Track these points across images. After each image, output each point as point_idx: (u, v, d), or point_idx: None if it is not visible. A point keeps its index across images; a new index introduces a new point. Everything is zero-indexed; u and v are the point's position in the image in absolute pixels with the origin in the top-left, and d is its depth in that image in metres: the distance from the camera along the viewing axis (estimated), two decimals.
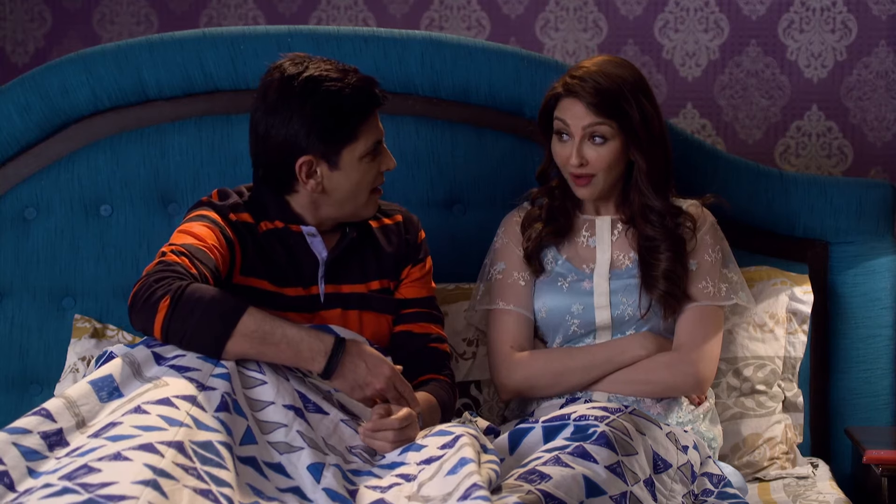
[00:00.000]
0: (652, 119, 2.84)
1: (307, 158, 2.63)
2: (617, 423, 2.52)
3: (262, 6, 3.79)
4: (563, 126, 2.84)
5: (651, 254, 2.86)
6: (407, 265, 2.80)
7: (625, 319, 2.87)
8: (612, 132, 2.81)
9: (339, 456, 2.36)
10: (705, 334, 2.86)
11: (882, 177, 3.66)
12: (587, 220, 2.94)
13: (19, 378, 3.17)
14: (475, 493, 2.13)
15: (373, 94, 2.65)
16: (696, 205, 2.94)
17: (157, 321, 2.39)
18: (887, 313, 3.25)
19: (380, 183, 2.72)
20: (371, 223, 2.79)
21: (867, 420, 3.24)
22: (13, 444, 2.12)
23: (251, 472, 2.22)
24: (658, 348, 2.85)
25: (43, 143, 3.19)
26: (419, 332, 2.78)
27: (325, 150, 2.62)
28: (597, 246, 2.91)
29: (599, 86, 2.80)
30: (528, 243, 2.91)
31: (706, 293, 2.87)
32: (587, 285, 2.88)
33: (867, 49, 3.66)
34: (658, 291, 2.84)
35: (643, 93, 2.84)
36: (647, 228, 2.87)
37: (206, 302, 2.39)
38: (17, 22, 3.85)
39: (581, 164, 2.82)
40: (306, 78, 2.62)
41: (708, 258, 2.89)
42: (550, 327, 2.91)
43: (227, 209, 2.68)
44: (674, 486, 2.55)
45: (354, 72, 2.66)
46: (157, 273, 2.44)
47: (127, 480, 2.00)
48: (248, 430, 2.29)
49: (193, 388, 2.30)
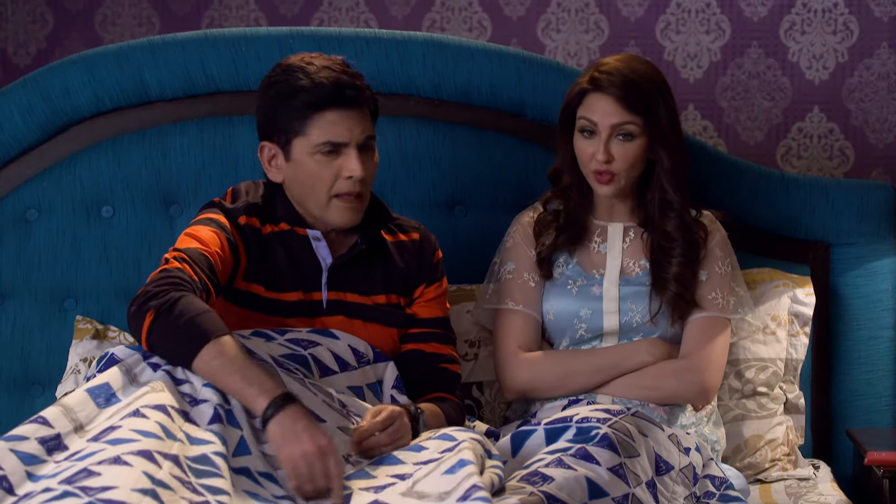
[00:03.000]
0: (676, 117, 2.85)
1: (266, 144, 2.67)
2: (619, 424, 2.52)
3: (263, 7, 3.79)
4: (588, 123, 2.81)
5: (664, 255, 2.85)
6: (421, 284, 2.78)
7: (633, 326, 2.86)
8: (639, 130, 2.80)
9: None
10: (713, 344, 2.85)
11: (884, 178, 3.65)
12: (599, 227, 2.93)
13: (21, 379, 3.17)
14: (475, 495, 2.13)
15: (336, 93, 2.60)
16: (710, 217, 2.94)
17: (142, 332, 2.40)
18: (889, 315, 3.25)
19: (347, 190, 2.63)
20: (386, 237, 2.77)
21: (869, 422, 3.24)
22: (11, 451, 2.12)
23: (246, 481, 2.22)
24: (665, 355, 2.84)
25: (45, 144, 3.19)
26: (430, 351, 2.76)
27: (280, 139, 2.64)
28: (608, 252, 2.91)
29: (628, 80, 2.78)
30: (541, 248, 2.90)
31: (715, 304, 2.86)
32: (596, 290, 2.88)
33: (869, 51, 3.66)
34: (669, 293, 2.83)
35: (667, 91, 2.84)
36: (667, 224, 2.85)
37: (183, 322, 2.37)
38: (18, 23, 3.85)
39: (607, 161, 2.80)
40: (286, 65, 2.65)
41: (718, 270, 2.89)
42: (558, 330, 2.91)
43: (236, 212, 2.68)
44: (676, 488, 2.55)
45: (336, 70, 2.62)
46: (155, 282, 2.44)
47: (127, 487, 2.00)
48: (241, 441, 2.27)
49: (186, 402, 2.30)
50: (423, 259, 2.79)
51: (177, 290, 2.41)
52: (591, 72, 2.84)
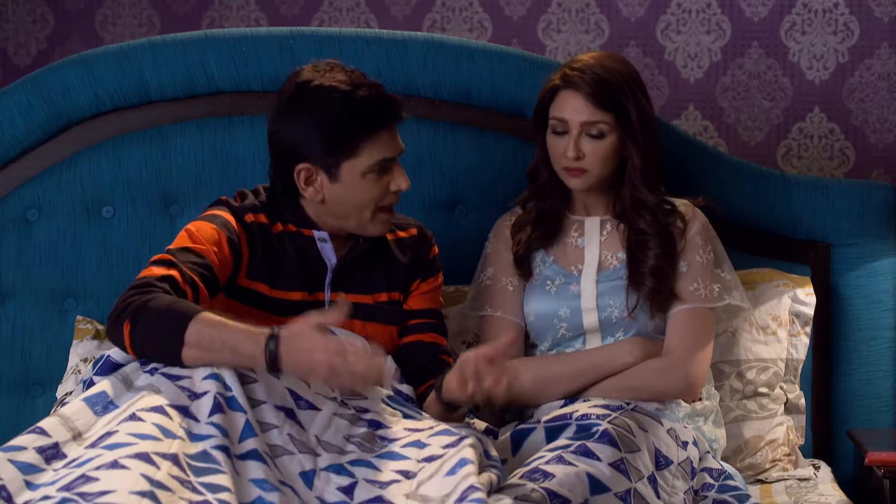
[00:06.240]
0: (648, 115, 2.84)
1: (305, 166, 2.62)
2: (619, 420, 2.52)
3: (264, 8, 3.79)
4: (558, 122, 2.82)
5: (640, 249, 2.83)
6: (417, 279, 2.79)
7: (612, 322, 2.85)
8: (609, 128, 2.80)
9: (334, 452, 2.35)
10: (696, 338, 2.83)
11: (884, 179, 3.65)
12: (577, 221, 2.92)
13: (21, 379, 3.17)
14: (471, 496, 2.13)
15: (383, 112, 2.61)
16: (687, 204, 2.91)
17: (125, 342, 2.41)
18: (889, 315, 3.25)
19: (390, 202, 2.68)
20: (387, 236, 2.78)
21: (869, 422, 3.24)
22: (9, 461, 2.12)
23: (253, 466, 2.21)
24: (647, 354, 2.82)
25: (45, 144, 3.19)
26: (429, 341, 2.77)
27: (325, 161, 2.61)
28: (585, 246, 2.90)
29: (599, 77, 2.78)
30: (517, 247, 2.90)
31: (697, 295, 2.84)
32: (574, 288, 2.86)
33: (869, 51, 3.66)
34: (645, 288, 2.81)
35: (640, 88, 2.83)
36: (640, 222, 2.84)
37: (159, 316, 2.37)
38: (19, 23, 3.85)
39: (577, 158, 2.80)
40: (316, 86, 2.60)
41: (699, 259, 2.86)
42: (539, 331, 2.90)
43: (243, 210, 2.68)
44: (675, 483, 2.56)
45: (371, 86, 2.62)
46: (123, 297, 2.44)
47: (125, 490, 2.00)
48: (247, 423, 2.27)
49: (185, 397, 2.30)
50: (421, 254, 2.80)
51: (144, 294, 2.42)
52: (563, 69, 2.84)
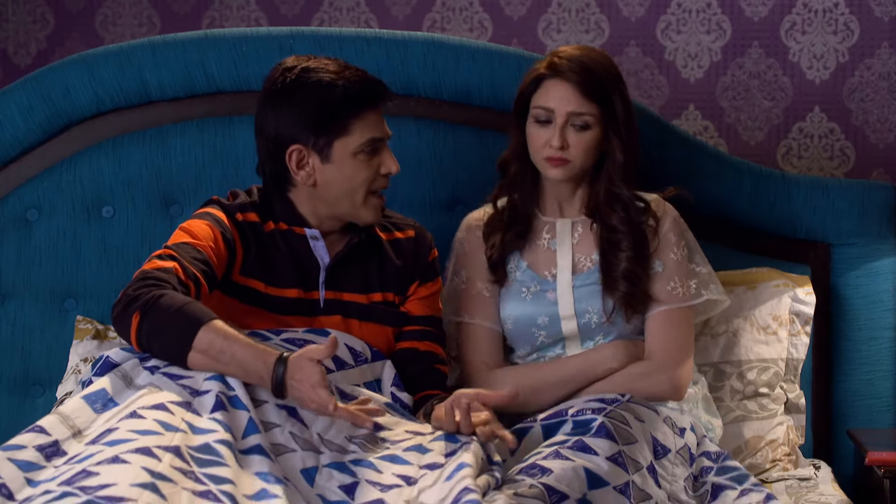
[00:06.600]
0: (631, 111, 2.83)
1: (296, 147, 2.63)
2: (615, 413, 2.52)
3: (264, 7, 3.79)
4: (543, 111, 2.79)
5: (612, 250, 2.81)
6: (414, 282, 2.78)
7: (592, 327, 2.82)
8: (594, 120, 2.78)
9: (335, 451, 2.35)
10: (676, 339, 2.81)
11: (884, 178, 3.65)
12: (547, 223, 2.90)
13: (21, 379, 3.17)
14: (466, 498, 2.14)
15: (370, 90, 2.63)
16: (658, 199, 2.88)
17: (131, 335, 2.42)
18: (889, 315, 3.25)
19: (380, 186, 2.69)
20: (381, 235, 2.78)
21: (869, 422, 3.24)
22: (9, 460, 2.12)
23: (257, 460, 2.21)
24: (630, 358, 2.81)
25: (45, 144, 3.19)
26: (424, 349, 2.76)
27: (316, 142, 2.62)
28: (557, 249, 2.87)
29: (587, 67, 2.77)
30: (491, 251, 2.87)
31: (675, 295, 2.82)
32: (551, 296, 2.84)
33: (869, 51, 3.66)
34: (618, 293, 2.79)
35: (624, 85, 2.83)
36: (612, 217, 2.81)
37: (170, 316, 2.39)
38: (19, 23, 3.85)
39: (562, 148, 2.77)
40: (301, 69, 2.63)
41: (673, 256, 2.84)
42: (517, 338, 2.87)
43: (234, 208, 2.69)
44: (675, 471, 2.56)
45: (356, 70, 2.65)
46: (134, 285, 2.45)
47: (126, 482, 2.01)
48: (250, 421, 2.28)
49: (187, 394, 2.31)
50: (419, 257, 2.80)
51: (157, 289, 2.42)
52: (548, 58, 2.82)
